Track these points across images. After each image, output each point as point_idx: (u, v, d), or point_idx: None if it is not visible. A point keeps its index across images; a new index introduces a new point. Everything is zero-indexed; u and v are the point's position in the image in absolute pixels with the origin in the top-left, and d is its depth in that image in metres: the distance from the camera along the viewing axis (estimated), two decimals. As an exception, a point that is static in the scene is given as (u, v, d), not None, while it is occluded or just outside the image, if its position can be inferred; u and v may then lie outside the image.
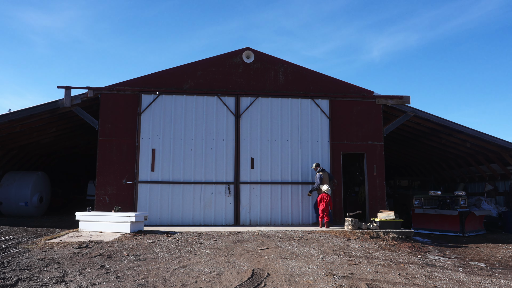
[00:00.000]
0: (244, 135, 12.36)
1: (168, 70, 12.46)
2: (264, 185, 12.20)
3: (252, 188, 12.15)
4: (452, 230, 12.47)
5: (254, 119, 12.45)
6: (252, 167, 12.23)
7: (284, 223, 11.98)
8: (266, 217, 12.06)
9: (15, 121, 12.70)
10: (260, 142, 12.38)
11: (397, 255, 7.97)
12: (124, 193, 11.71)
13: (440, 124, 13.65)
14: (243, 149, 12.29)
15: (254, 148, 12.34)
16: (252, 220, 12.00)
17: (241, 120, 12.38)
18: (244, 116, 12.42)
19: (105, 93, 12.05)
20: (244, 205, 12.04)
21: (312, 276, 6.05)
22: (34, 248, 7.78)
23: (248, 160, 12.25)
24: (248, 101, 12.52)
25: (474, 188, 17.33)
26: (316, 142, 12.54)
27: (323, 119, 12.67)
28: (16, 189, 15.03)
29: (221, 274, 6.09)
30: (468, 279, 6.40)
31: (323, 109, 12.70)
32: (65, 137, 16.64)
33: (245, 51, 12.73)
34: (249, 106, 12.45)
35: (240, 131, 12.35)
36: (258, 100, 12.54)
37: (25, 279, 5.58)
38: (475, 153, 15.86)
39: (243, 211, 12.02)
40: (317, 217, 11.48)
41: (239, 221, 11.95)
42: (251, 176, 12.21)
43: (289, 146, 12.44)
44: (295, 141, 12.48)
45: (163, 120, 12.16)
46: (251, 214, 12.03)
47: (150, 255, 7.21)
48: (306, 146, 12.49)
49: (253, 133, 12.40)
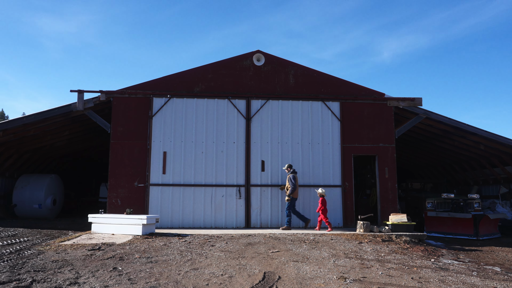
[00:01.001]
0: (254, 137, 12.37)
1: (179, 73, 12.55)
2: (274, 188, 12.18)
3: (262, 190, 12.14)
4: (465, 233, 12.28)
5: (265, 122, 12.45)
6: (263, 169, 12.23)
7: (294, 225, 11.92)
8: (277, 219, 12.03)
9: (29, 125, 12.92)
10: (271, 144, 12.38)
11: (409, 259, 7.88)
12: (135, 195, 11.81)
13: (453, 126, 13.48)
14: (253, 151, 12.30)
15: (265, 151, 12.34)
16: (262, 223, 11.99)
17: (252, 123, 12.40)
18: (254, 118, 12.43)
19: (117, 96, 12.19)
20: (255, 207, 12.03)
21: (323, 280, 6.01)
22: (48, 250, 7.89)
23: (259, 162, 12.25)
24: (259, 103, 12.53)
25: (488, 191, 17.06)
26: (327, 145, 12.49)
27: (334, 121, 12.62)
28: (30, 192, 15.27)
29: (232, 277, 6.09)
30: (483, 283, 6.29)
31: (334, 111, 12.64)
32: (78, 140, 16.86)
33: (255, 54, 12.76)
34: (260, 109, 12.46)
35: (250, 133, 12.36)
36: (269, 102, 12.55)
37: (39, 281, 5.65)
38: (489, 155, 15.62)
39: (254, 214, 12.01)
40: (289, 221, 11.29)
41: (249, 224, 11.94)
42: (262, 178, 12.20)
43: (300, 148, 12.41)
44: (306, 144, 12.45)
45: (174, 123, 12.24)
46: (262, 217, 12.02)
47: (161, 258, 7.25)
48: (317, 148, 12.45)
49: (264, 135, 12.40)
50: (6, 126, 12.61)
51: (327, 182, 12.29)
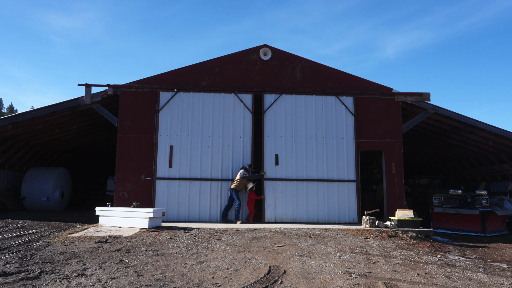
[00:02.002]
0: (268, 131, 12.34)
1: (186, 67, 12.55)
2: (289, 182, 12.13)
3: (276, 184, 12.14)
4: (473, 230, 12.20)
5: (278, 116, 12.38)
6: (277, 163, 12.20)
7: (309, 220, 11.92)
8: (292, 214, 12.00)
9: (37, 118, 13.03)
10: (285, 139, 12.34)
11: (415, 255, 7.85)
12: (142, 189, 11.88)
13: (462, 121, 13.34)
14: (267, 146, 12.28)
15: (279, 145, 12.30)
16: (277, 218, 11.95)
17: (265, 117, 12.35)
18: (268, 113, 12.38)
19: (124, 90, 12.23)
20: (269, 202, 12.01)
21: (329, 274, 6.02)
22: (56, 242, 7.98)
23: (273, 156, 12.23)
24: (272, 98, 12.47)
25: (497, 187, 16.89)
26: (341, 140, 12.40)
27: (348, 116, 12.54)
28: (39, 185, 15.44)
29: (237, 270, 6.12)
30: (490, 280, 6.26)
31: (348, 106, 12.57)
32: (86, 134, 16.98)
33: (262, 48, 12.71)
34: (273, 103, 12.39)
35: (264, 128, 12.33)
36: (282, 97, 12.47)
37: (48, 272, 5.73)
38: (498, 152, 15.45)
39: (269, 209, 12.01)
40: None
41: (264, 219, 11.92)
42: (276, 172, 12.19)
43: (314, 143, 12.34)
44: (320, 138, 12.36)
45: (181, 117, 12.26)
46: (276, 212, 12.00)
47: (168, 251, 7.30)
48: (331, 143, 12.37)
49: (277, 129, 12.36)
50: (15, 120, 12.73)
51: (342, 177, 12.28)
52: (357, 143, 12.44)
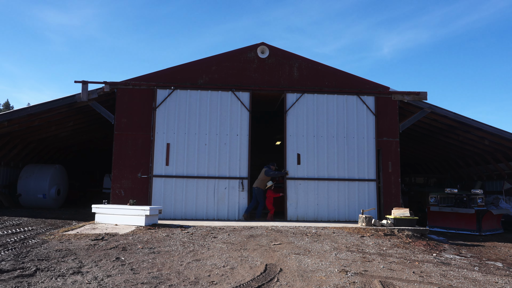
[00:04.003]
0: (290, 131, 12.41)
1: (183, 65, 12.52)
2: (311, 181, 12.20)
3: (298, 184, 12.18)
4: (468, 228, 12.26)
5: (300, 116, 12.44)
6: (299, 163, 12.23)
7: (330, 219, 11.96)
8: (313, 213, 12.08)
9: (33, 115, 12.96)
10: (306, 138, 12.39)
11: (411, 253, 7.89)
12: (139, 186, 11.86)
13: (458, 120, 13.39)
14: (289, 145, 12.36)
15: (300, 144, 12.36)
16: (299, 216, 12.04)
17: (287, 116, 12.40)
18: (290, 112, 12.44)
19: (121, 87, 12.19)
20: (292, 201, 12.08)
21: (325, 272, 6.03)
22: (51, 239, 7.96)
23: (295, 156, 12.28)
24: (294, 97, 12.48)
25: (492, 186, 16.97)
26: (361, 139, 12.49)
27: (369, 115, 12.59)
28: (35, 182, 15.36)
29: (234, 268, 6.13)
30: (485, 278, 6.29)
31: (369, 105, 12.61)
32: (82, 131, 16.92)
33: (259, 46, 12.69)
34: (295, 102, 12.44)
35: (286, 127, 12.41)
36: (304, 96, 12.49)
37: (43, 269, 5.71)
38: (493, 151, 15.52)
39: (291, 207, 12.06)
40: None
41: (286, 217, 11.99)
42: (298, 172, 12.23)
43: (335, 142, 12.39)
44: (341, 138, 12.46)
45: (178, 115, 12.24)
46: (298, 210, 12.07)
47: (164, 248, 7.29)
48: (351, 142, 12.46)
49: (299, 129, 12.41)
50: (11, 116, 12.67)
51: (362, 176, 12.34)
52: (378, 142, 12.54)
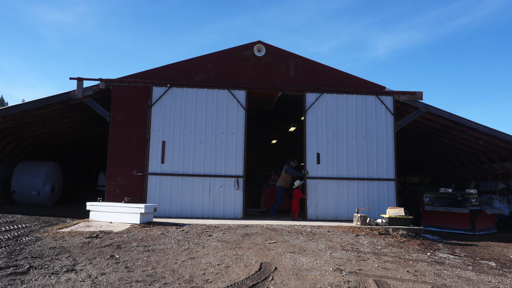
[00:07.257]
0: (310, 130, 12.44)
1: (179, 62, 12.47)
2: (330, 181, 12.23)
3: (318, 183, 12.20)
4: (462, 228, 12.33)
5: (319, 115, 12.48)
6: (318, 162, 12.25)
7: (350, 218, 11.94)
8: (333, 212, 12.12)
9: (28, 112, 12.87)
10: (326, 138, 12.44)
11: (406, 252, 7.92)
12: (134, 184, 11.82)
13: (453, 120, 13.45)
14: (309, 144, 12.39)
15: (320, 144, 12.38)
16: (319, 215, 12.08)
17: (307, 116, 12.41)
18: (309, 111, 12.47)
19: (117, 85, 12.13)
20: (312, 200, 12.11)
21: (319, 271, 6.04)
22: (45, 237, 7.91)
23: (314, 155, 12.30)
24: (313, 97, 12.50)
25: (486, 186, 17.08)
26: (380, 139, 12.53)
27: (388, 115, 12.64)
28: (29, 179, 15.27)
29: (229, 266, 6.12)
30: (478, 277, 6.33)
31: (388, 105, 12.64)
32: (77, 128, 16.83)
33: (256, 44, 12.67)
34: (315, 102, 12.44)
35: (306, 126, 12.45)
36: (323, 96, 12.53)
37: (37, 267, 5.68)
38: (488, 151, 15.61)
39: (311, 206, 12.08)
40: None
41: (306, 217, 12.01)
42: (318, 171, 12.26)
43: (354, 142, 12.44)
44: (360, 137, 12.48)
45: (174, 112, 12.20)
46: (318, 209, 12.10)
47: (159, 246, 7.27)
48: (371, 142, 12.50)
49: (318, 128, 12.42)
50: (5, 113, 12.57)
51: (381, 175, 12.40)
52: (396, 142, 12.65)
